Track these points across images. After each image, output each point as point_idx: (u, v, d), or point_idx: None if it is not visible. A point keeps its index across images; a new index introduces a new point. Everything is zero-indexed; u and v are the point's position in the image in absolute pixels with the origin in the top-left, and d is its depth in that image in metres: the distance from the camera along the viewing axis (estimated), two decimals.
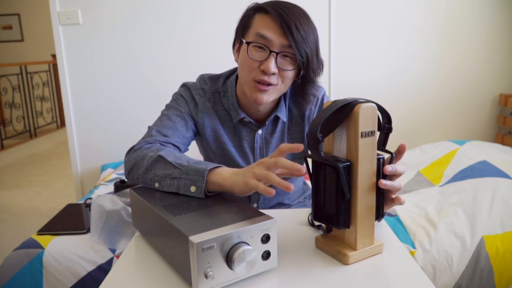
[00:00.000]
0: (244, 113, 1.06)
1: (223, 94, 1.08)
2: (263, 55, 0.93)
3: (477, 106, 2.54)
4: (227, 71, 1.13)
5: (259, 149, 1.11)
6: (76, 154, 2.46)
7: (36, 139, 5.26)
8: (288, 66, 0.95)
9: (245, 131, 1.09)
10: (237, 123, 1.08)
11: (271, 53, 0.92)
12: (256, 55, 0.94)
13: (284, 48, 0.92)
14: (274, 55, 0.92)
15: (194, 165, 0.83)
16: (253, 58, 0.94)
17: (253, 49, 0.94)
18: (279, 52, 0.93)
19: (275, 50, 0.92)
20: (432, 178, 1.85)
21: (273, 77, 0.94)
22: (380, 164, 0.73)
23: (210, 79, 1.11)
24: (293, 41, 0.91)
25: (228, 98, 1.07)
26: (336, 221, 0.73)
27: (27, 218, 2.72)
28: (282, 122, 1.10)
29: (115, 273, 0.73)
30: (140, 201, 0.82)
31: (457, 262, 1.38)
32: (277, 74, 0.94)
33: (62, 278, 1.32)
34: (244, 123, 1.08)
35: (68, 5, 2.30)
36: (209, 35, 2.35)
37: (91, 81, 2.39)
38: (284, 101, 1.09)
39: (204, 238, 0.62)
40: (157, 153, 0.89)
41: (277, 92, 0.99)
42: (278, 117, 1.08)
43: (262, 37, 0.92)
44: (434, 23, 2.41)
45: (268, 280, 0.69)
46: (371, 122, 0.70)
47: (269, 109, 1.08)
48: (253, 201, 1.18)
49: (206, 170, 0.81)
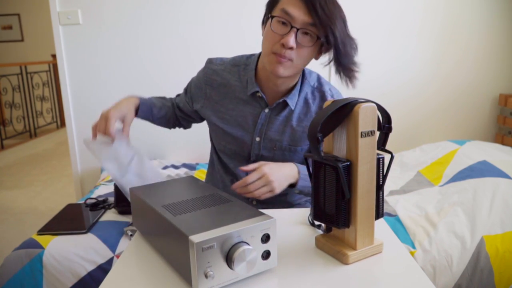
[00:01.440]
0: (259, 88, 1.12)
1: (243, 67, 1.16)
2: (285, 30, 0.98)
3: (477, 106, 2.54)
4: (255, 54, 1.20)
5: (260, 125, 1.15)
6: (76, 154, 2.46)
7: (36, 139, 5.26)
8: (308, 43, 0.99)
9: (253, 107, 1.15)
10: (249, 96, 1.14)
11: (292, 28, 0.96)
12: (279, 29, 0.99)
13: (305, 25, 0.97)
14: (294, 30, 0.97)
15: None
16: (275, 31, 0.99)
17: (277, 24, 0.99)
18: (300, 29, 0.97)
19: (296, 26, 0.96)
20: (432, 178, 1.85)
21: (291, 52, 0.98)
22: (380, 164, 0.73)
23: (237, 56, 1.20)
24: (317, 19, 0.95)
25: (247, 72, 1.14)
26: (336, 221, 0.73)
27: (27, 218, 2.72)
28: (289, 109, 1.14)
29: (115, 273, 0.73)
30: (140, 201, 0.82)
31: (457, 262, 1.38)
32: (294, 50, 0.98)
33: (62, 278, 1.32)
34: (255, 98, 1.14)
35: (68, 5, 2.30)
36: (210, 35, 2.35)
37: (91, 81, 2.39)
38: (300, 90, 1.14)
39: (204, 238, 0.62)
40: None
41: (293, 69, 1.03)
42: (287, 103, 1.12)
43: (286, 13, 0.97)
44: (433, 22, 2.41)
45: (268, 280, 0.69)
46: (371, 122, 0.70)
47: (283, 91, 1.13)
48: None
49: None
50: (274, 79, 1.07)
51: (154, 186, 0.90)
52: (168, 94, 2.40)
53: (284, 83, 1.10)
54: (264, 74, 1.11)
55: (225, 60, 1.20)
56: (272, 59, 1.01)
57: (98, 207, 1.61)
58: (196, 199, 0.80)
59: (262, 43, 1.05)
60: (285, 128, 1.15)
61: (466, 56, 2.46)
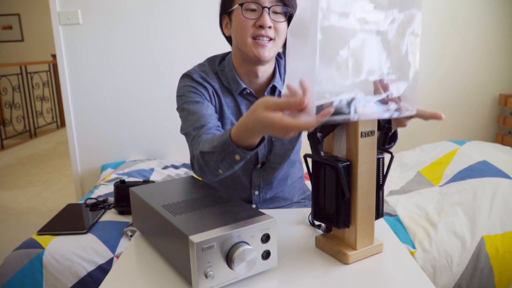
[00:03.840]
0: (245, 84, 1.11)
1: (220, 73, 1.14)
2: (257, 14, 1.02)
3: (477, 106, 2.54)
4: (221, 54, 1.19)
5: None
6: (76, 154, 2.46)
7: (36, 139, 5.26)
8: (280, 19, 1.04)
9: (245, 104, 1.14)
10: (238, 95, 1.13)
11: (263, 9, 1.01)
12: (251, 15, 1.02)
13: (273, 3, 1.02)
14: (266, 10, 1.01)
15: (221, 139, 0.84)
16: (248, 17, 1.02)
17: (246, 11, 1.02)
18: (270, 7, 1.01)
19: (266, 5, 1.01)
20: (432, 178, 1.85)
21: (270, 31, 1.02)
22: (380, 164, 0.73)
23: (207, 61, 1.17)
24: None
25: (226, 75, 1.13)
26: (336, 221, 0.73)
27: (27, 218, 2.72)
28: (279, 92, 1.15)
29: (115, 273, 0.73)
30: (140, 201, 0.82)
31: (457, 262, 1.38)
32: (272, 28, 1.02)
33: (62, 278, 1.32)
34: (244, 96, 1.13)
35: (68, 5, 2.30)
36: (211, 35, 2.35)
37: (91, 81, 2.39)
38: (279, 72, 1.15)
39: (204, 238, 0.62)
40: (198, 151, 0.93)
41: (275, 48, 1.06)
42: (275, 87, 1.14)
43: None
44: (433, 21, 2.41)
45: (268, 280, 0.69)
46: (371, 122, 0.70)
47: (266, 80, 1.13)
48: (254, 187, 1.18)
49: (228, 136, 0.82)
50: (254, 71, 1.09)
51: (154, 186, 0.90)
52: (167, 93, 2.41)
53: (265, 72, 1.11)
54: (243, 70, 1.11)
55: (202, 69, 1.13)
56: (253, 44, 1.03)
57: (98, 207, 1.61)
58: (196, 199, 0.80)
59: (235, 37, 1.06)
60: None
61: (466, 56, 2.46)
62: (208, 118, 1.02)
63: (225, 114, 1.12)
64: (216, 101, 1.12)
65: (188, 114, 1.04)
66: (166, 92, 2.39)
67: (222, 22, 1.13)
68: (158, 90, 2.40)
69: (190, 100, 1.06)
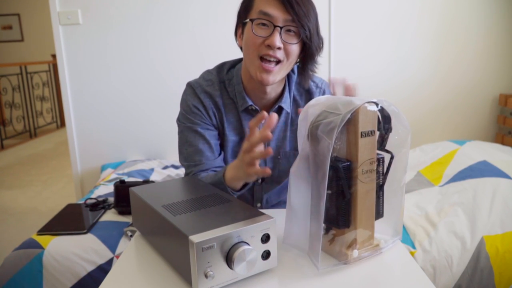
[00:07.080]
0: (251, 101, 1.07)
1: (227, 83, 1.10)
2: (268, 31, 0.95)
3: (477, 106, 2.54)
4: (232, 60, 1.14)
5: None
6: (76, 154, 2.46)
7: (36, 139, 5.26)
8: (293, 40, 0.96)
9: (248, 119, 1.09)
10: (242, 111, 1.09)
11: (275, 28, 0.94)
12: (261, 31, 0.96)
13: (287, 22, 0.94)
14: (278, 29, 0.94)
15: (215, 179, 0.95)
16: (257, 34, 0.95)
17: (257, 27, 0.96)
18: (283, 27, 0.94)
19: (279, 25, 0.94)
20: (432, 178, 1.85)
21: (279, 52, 0.96)
22: (380, 164, 0.73)
23: (215, 69, 1.13)
24: (295, 16, 0.93)
25: (233, 86, 1.09)
26: (336, 221, 0.73)
27: (27, 218, 2.72)
28: (286, 113, 1.11)
29: (115, 273, 0.73)
30: (140, 201, 0.82)
31: (457, 262, 1.38)
32: (282, 49, 0.96)
33: (62, 278, 1.32)
34: (249, 112, 1.09)
35: (68, 5, 2.30)
36: (211, 35, 2.35)
37: (91, 81, 2.39)
38: (289, 91, 1.11)
39: (204, 238, 0.62)
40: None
41: (282, 71, 1.00)
42: (282, 107, 1.09)
43: (265, 14, 0.94)
44: (432, 21, 2.41)
45: (268, 280, 0.69)
46: (371, 122, 0.70)
47: (274, 97, 1.09)
48: (256, 200, 1.18)
49: (221, 178, 0.93)
50: (263, 88, 1.04)
51: (154, 186, 0.90)
52: (167, 93, 2.41)
53: (273, 90, 1.06)
54: (251, 86, 1.06)
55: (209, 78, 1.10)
56: (258, 67, 0.97)
57: (98, 207, 1.61)
58: (196, 199, 0.80)
59: (244, 51, 1.02)
60: (286, 133, 1.13)
61: (466, 56, 2.46)
62: (203, 156, 1.06)
63: (225, 131, 1.10)
64: (217, 118, 1.09)
65: (185, 142, 1.08)
66: (166, 92, 2.39)
67: (237, 31, 1.07)
68: (158, 90, 2.40)
69: (189, 126, 1.08)
